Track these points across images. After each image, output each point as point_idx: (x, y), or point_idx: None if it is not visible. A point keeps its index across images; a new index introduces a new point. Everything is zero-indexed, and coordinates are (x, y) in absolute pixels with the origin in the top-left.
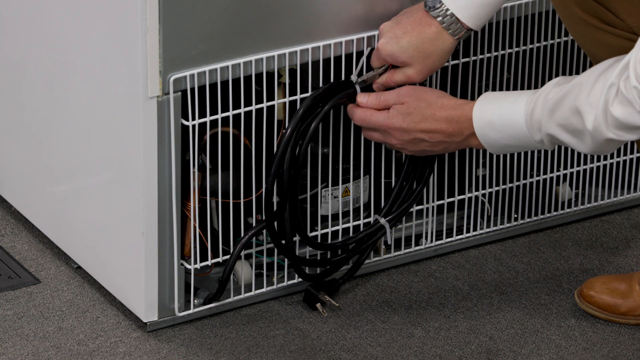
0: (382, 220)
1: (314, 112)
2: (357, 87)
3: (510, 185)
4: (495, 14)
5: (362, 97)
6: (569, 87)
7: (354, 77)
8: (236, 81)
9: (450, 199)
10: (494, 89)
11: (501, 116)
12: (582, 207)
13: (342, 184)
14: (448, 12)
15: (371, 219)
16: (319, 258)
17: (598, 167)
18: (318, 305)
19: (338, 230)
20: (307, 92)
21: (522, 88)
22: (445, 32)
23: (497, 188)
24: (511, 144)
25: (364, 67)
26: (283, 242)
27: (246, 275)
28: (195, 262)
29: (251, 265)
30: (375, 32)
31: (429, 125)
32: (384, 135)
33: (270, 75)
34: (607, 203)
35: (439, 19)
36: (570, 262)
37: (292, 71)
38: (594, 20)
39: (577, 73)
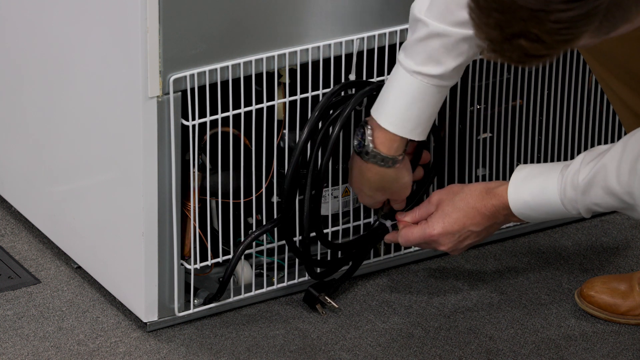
0: (388, 224)
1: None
2: (385, 222)
3: None
4: None
5: (400, 214)
6: (597, 168)
7: (352, 76)
8: (236, 81)
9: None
10: (493, 89)
11: (536, 197)
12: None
13: (342, 184)
14: (372, 151)
15: (371, 220)
16: (328, 258)
17: None
18: (318, 306)
19: (338, 231)
20: (307, 92)
21: (522, 88)
22: (383, 169)
23: None
24: (550, 217)
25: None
26: (294, 240)
27: (246, 276)
28: (195, 262)
29: (251, 266)
30: (375, 32)
31: (467, 219)
32: (431, 245)
33: (270, 75)
34: None
35: (372, 160)
36: (570, 262)
37: (292, 71)
38: None
39: (577, 75)
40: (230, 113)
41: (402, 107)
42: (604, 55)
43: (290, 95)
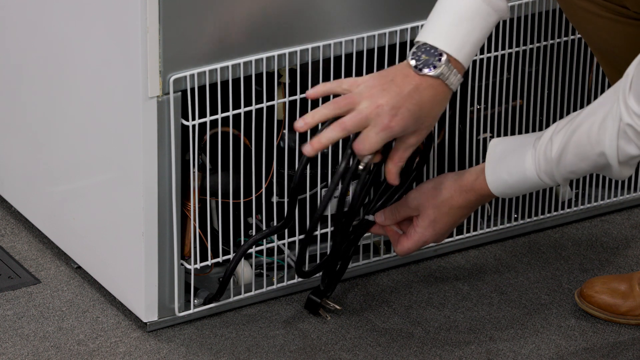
0: (371, 217)
1: None
2: (369, 217)
3: None
4: None
5: (379, 217)
6: (568, 134)
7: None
8: (236, 81)
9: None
10: (493, 89)
11: (513, 175)
12: (582, 207)
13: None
14: (446, 63)
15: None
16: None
17: None
18: (320, 311)
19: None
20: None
21: (522, 88)
22: (444, 89)
23: None
24: (530, 191)
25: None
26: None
27: (246, 275)
28: (195, 262)
29: (251, 266)
30: (376, 32)
31: (456, 218)
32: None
33: (270, 75)
34: (607, 203)
35: (443, 75)
36: (570, 262)
37: (292, 71)
38: None
39: (577, 73)
40: (230, 113)
41: (449, 24)
42: (615, 54)
43: (290, 95)
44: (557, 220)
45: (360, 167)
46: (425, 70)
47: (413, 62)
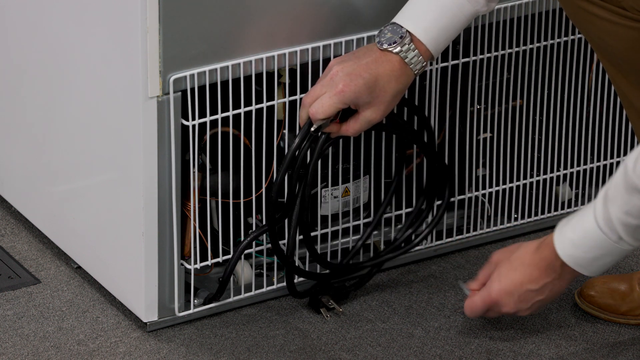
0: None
1: None
2: (463, 287)
3: (510, 185)
4: (495, 14)
5: (474, 285)
6: (616, 174)
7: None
8: (236, 81)
9: (450, 199)
10: (493, 89)
11: (576, 230)
12: (582, 207)
13: (342, 183)
14: (410, 43)
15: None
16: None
17: (598, 167)
18: (323, 309)
19: (338, 231)
20: (307, 92)
21: (522, 88)
22: (404, 68)
23: (497, 188)
24: (598, 254)
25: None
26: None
27: (246, 275)
28: (195, 262)
29: (251, 265)
30: (375, 33)
31: (523, 277)
32: (495, 309)
33: (270, 75)
34: None
35: (403, 53)
36: None
37: (292, 71)
38: None
39: (577, 73)
40: (230, 113)
41: (420, 7)
42: (614, 54)
43: (290, 95)
44: (557, 220)
45: (312, 129)
46: (385, 46)
47: (377, 38)
